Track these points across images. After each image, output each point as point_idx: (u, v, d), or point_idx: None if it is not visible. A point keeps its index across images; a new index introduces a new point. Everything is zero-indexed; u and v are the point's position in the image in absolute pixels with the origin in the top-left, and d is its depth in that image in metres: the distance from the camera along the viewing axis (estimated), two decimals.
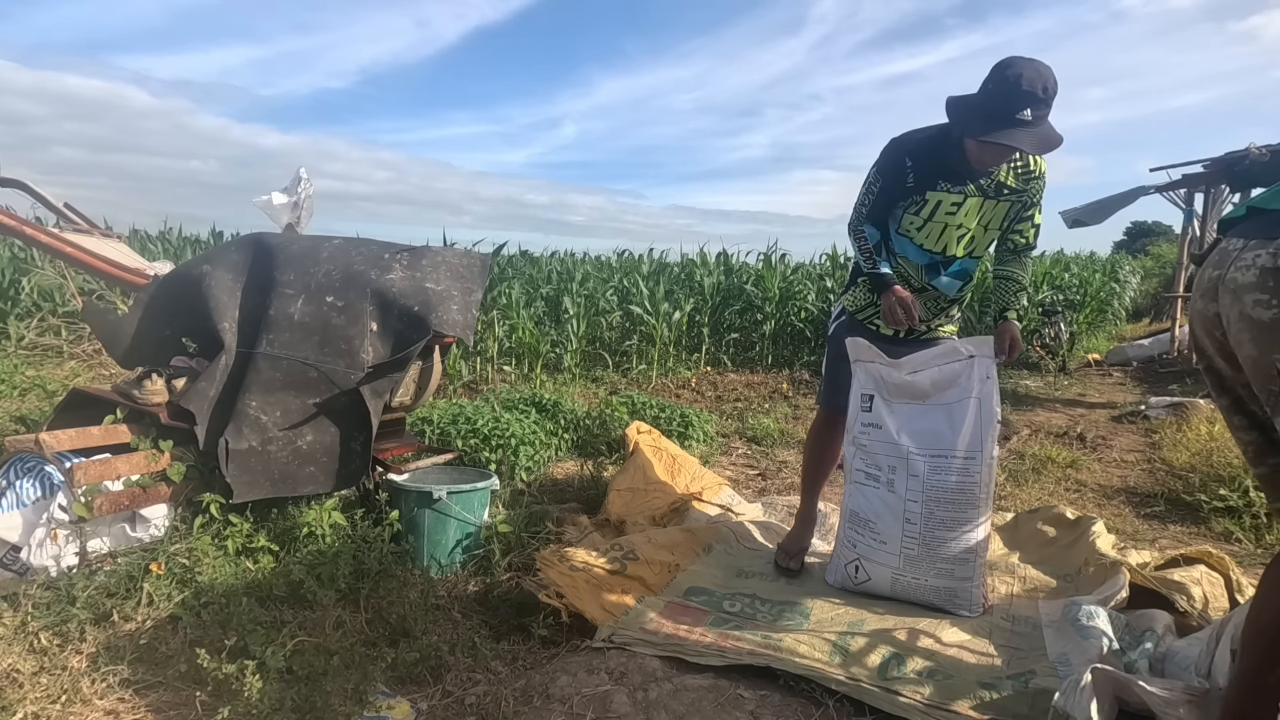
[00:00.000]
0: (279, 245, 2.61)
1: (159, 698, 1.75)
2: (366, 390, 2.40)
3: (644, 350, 7.10)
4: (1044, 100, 2.05)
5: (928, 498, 2.26)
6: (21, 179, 3.31)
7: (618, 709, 1.71)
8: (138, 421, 2.44)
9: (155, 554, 2.14)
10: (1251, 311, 1.17)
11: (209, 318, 2.48)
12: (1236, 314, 1.21)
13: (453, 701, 1.81)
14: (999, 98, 2.06)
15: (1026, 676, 1.84)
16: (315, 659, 1.81)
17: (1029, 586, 2.47)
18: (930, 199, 2.31)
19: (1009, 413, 5.57)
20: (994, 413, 2.23)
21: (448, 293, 2.50)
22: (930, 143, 2.28)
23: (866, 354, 2.42)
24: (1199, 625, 2.00)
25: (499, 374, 6.29)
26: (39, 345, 6.25)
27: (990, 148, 2.13)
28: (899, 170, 2.29)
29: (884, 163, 2.32)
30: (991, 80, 2.09)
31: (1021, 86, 2.03)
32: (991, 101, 2.08)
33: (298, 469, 2.40)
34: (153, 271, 2.90)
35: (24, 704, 1.64)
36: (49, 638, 1.86)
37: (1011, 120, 2.05)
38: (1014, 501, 3.52)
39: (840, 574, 2.45)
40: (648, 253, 10.45)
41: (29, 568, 2.11)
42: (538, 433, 3.71)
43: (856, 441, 2.43)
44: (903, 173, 2.29)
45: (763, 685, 1.81)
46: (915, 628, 2.11)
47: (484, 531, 2.52)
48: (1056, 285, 9.70)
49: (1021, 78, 2.03)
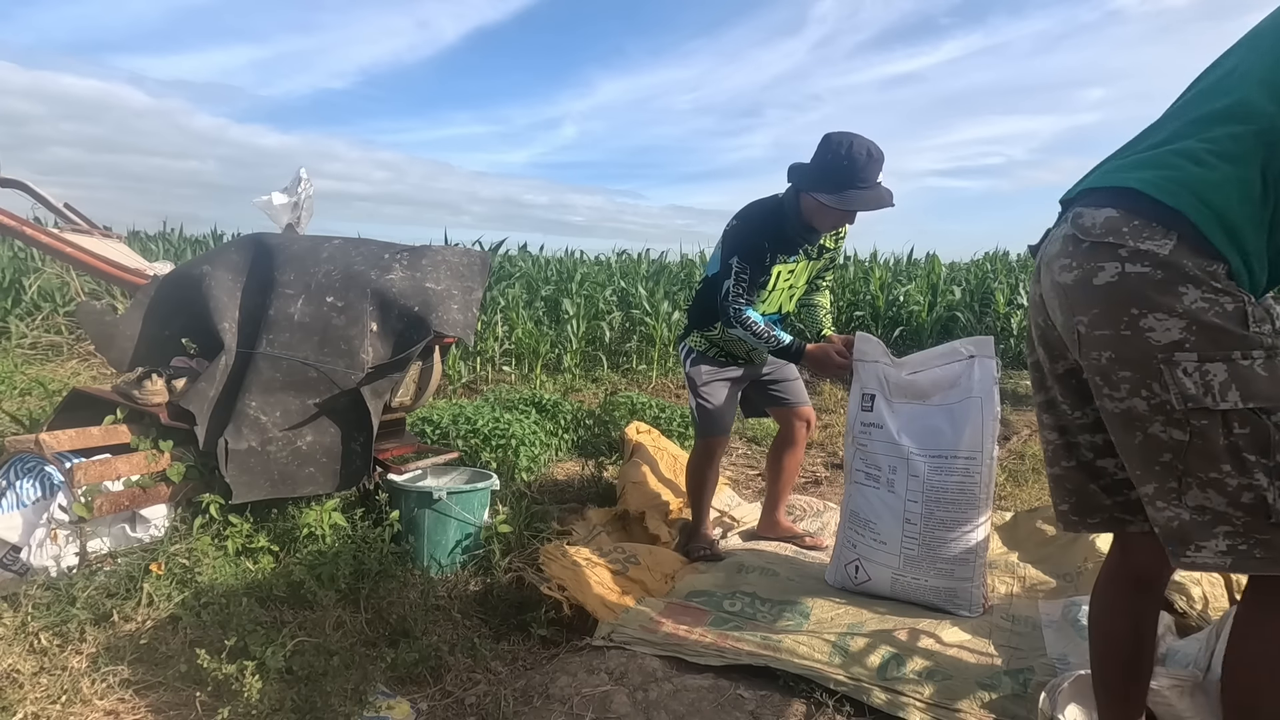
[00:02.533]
0: (279, 245, 2.61)
1: (159, 698, 1.75)
2: (367, 390, 2.40)
3: (644, 350, 7.10)
4: (881, 163, 2.31)
5: (928, 498, 2.26)
6: (21, 179, 3.31)
7: (618, 709, 1.72)
8: (138, 422, 2.44)
9: (155, 554, 2.14)
10: (1059, 278, 1.18)
11: (209, 318, 2.48)
12: (1049, 284, 1.22)
13: (453, 701, 1.81)
14: (846, 169, 2.28)
15: (1026, 676, 1.84)
16: (315, 659, 1.81)
17: (1029, 586, 2.47)
18: (774, 272, 2.51)
19: (1009, 413, 5.57)
20: (994, 413, 2.23)
21: (448, 292, 2.50)
22: (774, 220, 2.46)
23: (872, 353, 2.42)
24: (1199, 625, 2.00)
25: (499, 374, 6.29)
26: (40, 343, 6.24)
27: (835, 212, 2.35)
28: (760, 254, 2.44)
29: (745, 251, 2.42)
30: (830, 152, 2.30)
31: (865, 155, 2.28)
32: (838, 172, 2.29)
33: (298, 469, 2.40)
34: (152, 272, 2.89)
35: (24, 704, 1.63)
36: (49, 638, 1.85)
37: (866, 184, 2.31)
38: (1014, 501, 3.52)
39: (840, 574, 2.45)
40: (645, 253, 10.45)
41: (29, 568, 2.11)
42: (538, 433, 3.71)
43: (856, 441, 2.43)
44: (762, 255, 2.44)
45: (763, 685, 1.81)
46: (915, 628, 2.10)
47: (484, 532, 2.52)
48: None
49: (854, 147, 2.27)
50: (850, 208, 2.33)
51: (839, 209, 2.33)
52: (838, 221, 2.46)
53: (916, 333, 7.87)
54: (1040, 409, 1.37)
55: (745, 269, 2.41)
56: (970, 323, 7.89)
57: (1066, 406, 1.30)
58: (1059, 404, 1.31)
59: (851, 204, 2.31)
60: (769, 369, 2.80)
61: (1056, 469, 1.35)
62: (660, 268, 9.83)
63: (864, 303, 8.25)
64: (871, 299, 8.22)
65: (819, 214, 2.40)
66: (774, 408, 2.90)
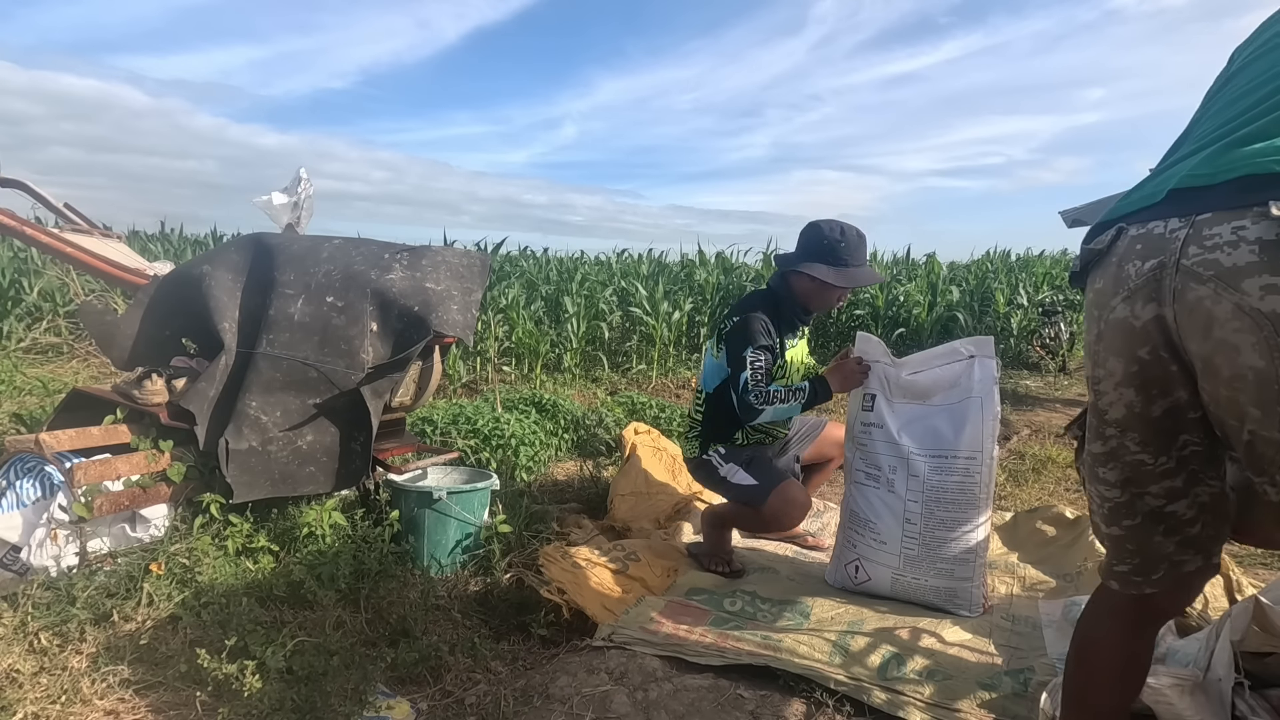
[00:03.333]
0: (279, 245, 2.61)
1: (159, 698, 1.75)
2: (367, 390, 2.40)
3: (644, 350, 7.10)
4: (866, 243, 2.49)
5: (928, 498, 2.26)
6: (21, 179, 3.31)
7: (618, 709, 1.71)
8: (138, 421, 2.44)
9: (155, 554, 2.14)
10: (1261, 303, 0.89)
11: (209, 318, 2.48)
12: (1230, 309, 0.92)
13: (453, 701, 1.81)
14: (842, 249, 2.42)
15: (1026, 676, 1.84)
16: (315, 659, 1.81)
17: (1029, 586, 2.47)
18: (787, 357, 2.57)
19: (1009, 413, 5.57)
20: (995, 412, 2.23)
21: (448, 293, 2.50)
22: (773, 307, 2.51)
23: (873, 353, 2.43)
24: (1198, 625, 2.00)
25: (498, 374, 6.29)
26: (41, 343, 6.25)
27: (833, 290, 2.46)
28: (771, 341, 2.45)
29: (759, 339, 2.42)
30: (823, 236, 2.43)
31: (856, 236, 2.44)
32: (834, 253, 2.42)
33: (298, 469, 2.40)
34: (153, 272, 2.89)
35: (24, 704, 1.63)
36: (49, 638, 1.85)
37: (861, 263, 2.47)
38: (1014, 501, 3.52)
39: (840, 574, 2.45)
40: (647, 253, 10.45)
41: (29, 568, 2.11)
42: (538, 433, 3.71)
43: (857, 441, 2.44)
44: (773, 341, 2.46)
45: (763, 685, 1.81)
46: (915, 627, 2.11)
47: (484, 532, 2.52)
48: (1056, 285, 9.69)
49: (846, 230, 2.43)
50: (851, 284, 2.47)
51: (839, 285, 2.43)
52: (833, 299, 2.51)
53: (916, 333, 7.87)
54: (1097, 462, 1.15)
55: (759, 358, 2.39)
56: (970, 323, 7.89)
57: (1145, 455, 1.09)
58: (1130, 453, 1.10)
59: (853, 280, 2.46)
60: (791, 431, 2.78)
61: (1116, 529, 1.16)
62: (660, 267, 9.82)
63: (864, 302, 8.25)
64: (871, 299, 8.22)
65: (817, 294, 2.48)
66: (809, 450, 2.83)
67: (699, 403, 2.65)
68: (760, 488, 2.44)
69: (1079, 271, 1.16)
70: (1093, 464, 1.16)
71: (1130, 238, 1.05)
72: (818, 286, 2.44)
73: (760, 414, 2.38)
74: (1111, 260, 1.07)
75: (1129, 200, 1.11)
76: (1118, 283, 1.05)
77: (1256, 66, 1.10)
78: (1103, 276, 1.09)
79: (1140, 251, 1.03)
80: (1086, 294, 1.15)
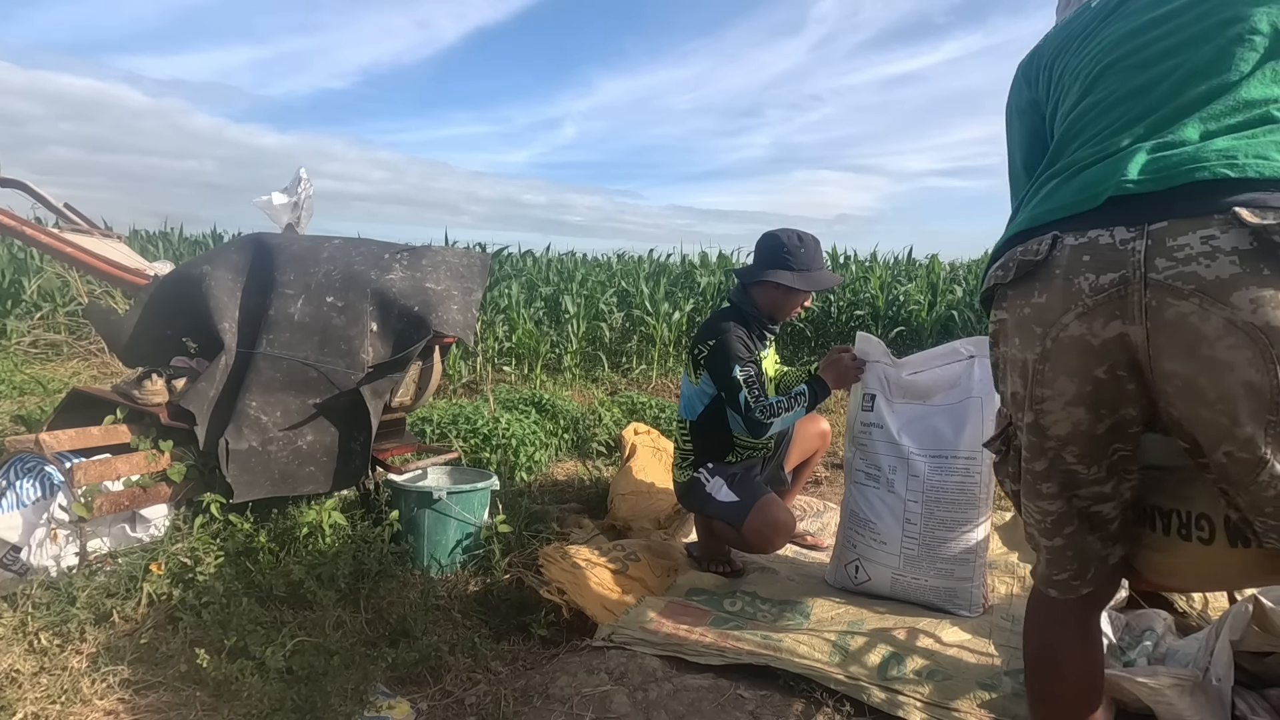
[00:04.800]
0: (279, 245, 2.61)
1: (159, 698, 1.75)
2: (366, 390, 2.40)
3: (644, 350, 7.09)
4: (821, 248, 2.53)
5: (928, 498, 2.26)
6: (21, 179, 3.31)
7: (618, 709, 1.71)
8: (138, 421, 2.44)
9: (155, 554, 2.14)
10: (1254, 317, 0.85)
11: (209, 318, 2.48)
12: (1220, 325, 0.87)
13: (453, 701, 1.81)
14: (801, 255, 2.46)
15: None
16: (315, 659, 1.81)
17: (1029, 586, 2.46)
18: (764, 366, 2.56)
19: None
20: (995, 413, 2.23)
21: (448, 293, 2.50)
22: (741, 321, 2.51)
23: (873, 352, 2.43)
24: (1198, 625, 2.00)
25: (498, 374, 6.29)
26: (40, 342, 6.25)
27: (796, 294, 2.49)
28: (751, 354, 2.45)
29: (743, 354, 2.42)
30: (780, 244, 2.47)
31: (814, 241, 2.49)
32: (794, 258, 2.46)
33: (298, 469, 2.40)
34: (153, 272, 2.89)
35: (24, 704, 1.63)
36: (49, 638, 1.85)
37: (821, 267, 2.52)
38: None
39: (840, 574, 2.45)
40: (648, 254, 10.46)
41: (29, 568, 2.11)
42: (537, 433, 3.71)
43: (856, 441, 2.44)
44: (753, 354, 2.47)
45: (763, 685, 1.81)
46: (915, 627, 2.11)
47: (484, 532, 2.52)
48: None
49: (803, 236, 2.48)
50: (815, 287, 2.51)
51: (804, 289, 2.47)
52: (795, 305, 2.54)
53: (916, 333, 7.86)
54: (1036, 479, 1.14)
55: (750, 372, 2.38)
56: (970, 323, 7.88)
57: (1080, 465, 1.09)
58: (1065, 464, 1.10)
59: (815, 283, 2.50)
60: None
61: (1058, 539, 1.16)
62: (660, 267, 9.82)
63: (864, 302, 8.25)
64: (871, 298, 8.22)
65: (781, 301, 2.50)
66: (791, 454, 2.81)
67: (684, 432, 2.62)
68: (741, 504, 2.41)
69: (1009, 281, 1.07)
70: (1034, 482, 1.14)
71: (1071, 248, 0.98)
72: (782, 293, 2.47)
73: (769, 428, 2.37)
74: (1055, 272, 1.00)
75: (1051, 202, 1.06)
76: (1068, 298, 0.98)
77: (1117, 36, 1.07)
78: (1045, 290, 1.01)
79: (1090, 264, 0.96)
80: (1014, 306, 1.07)
